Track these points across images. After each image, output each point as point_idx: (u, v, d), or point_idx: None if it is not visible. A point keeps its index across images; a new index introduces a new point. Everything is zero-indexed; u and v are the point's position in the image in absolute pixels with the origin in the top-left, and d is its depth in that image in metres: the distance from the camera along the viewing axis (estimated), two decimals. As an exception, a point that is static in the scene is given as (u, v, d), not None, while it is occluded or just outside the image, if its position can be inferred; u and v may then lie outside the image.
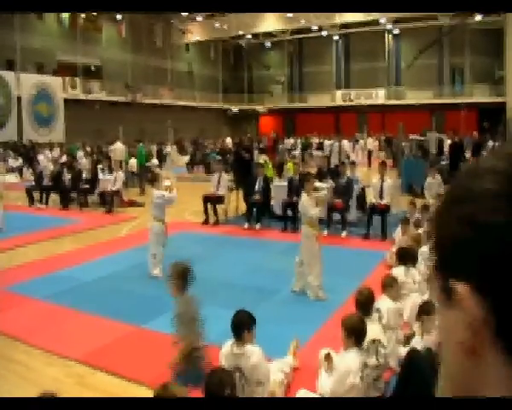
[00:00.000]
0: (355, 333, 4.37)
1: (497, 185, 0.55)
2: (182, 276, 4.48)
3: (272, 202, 14.23)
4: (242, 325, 4.48)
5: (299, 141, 36.44)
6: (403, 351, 5.06)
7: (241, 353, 4.39)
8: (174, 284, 4.44)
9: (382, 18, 39.87)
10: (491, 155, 0.60)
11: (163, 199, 9.18)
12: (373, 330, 4.67)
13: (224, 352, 4.54)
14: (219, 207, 14.13)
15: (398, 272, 6.72)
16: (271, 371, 4.72)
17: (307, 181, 8.23)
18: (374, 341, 4.61)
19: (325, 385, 4.61)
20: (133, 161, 22.11)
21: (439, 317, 0.61)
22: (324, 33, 45.09)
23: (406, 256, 7.00)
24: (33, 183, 18.57)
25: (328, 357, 4.92)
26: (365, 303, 4.95)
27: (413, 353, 4.47)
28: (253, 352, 4.38)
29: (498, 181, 0.55)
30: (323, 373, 4.85)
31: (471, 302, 0.55)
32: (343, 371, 4.30)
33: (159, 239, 9.14)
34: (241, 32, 44.98)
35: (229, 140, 35.65)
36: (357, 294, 5.08)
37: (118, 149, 21.70)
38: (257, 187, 13.59)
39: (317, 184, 13.85)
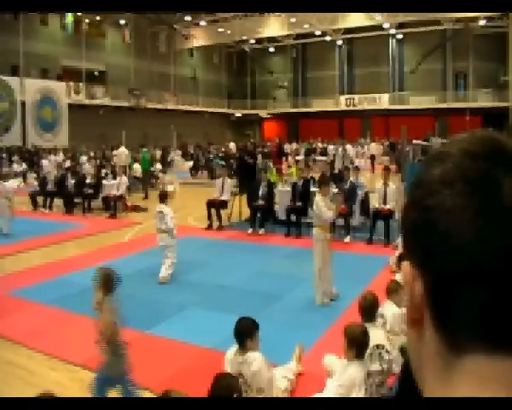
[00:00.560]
0: (357, 345, 4.33)
1: (442, 171, 0.58)
2: (106, 280, 4.63)
3: (276, 207, 14.22)
4: (244, 334, 4.46)
5: (294, 145, 36.58)
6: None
7: (242, 360, 4.38)
8: (99, 287, 4.60)
9: (386, 23, 39.84)
10: (445, 144, 0.63)
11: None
12: (377, 335, 4.65)
13: (228, 358, 4.52)
14: (223, 212, 14.13)
15: (401, 277, 6.69)
16: (275, 378, 4.70)
17: (324, 184, 8.17)
18: (377, 346, 4.58)
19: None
20: (137, 166, 22.15)
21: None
22: (328, 38, 45.12)
23: None
24: (37, 188, 18.61)
25: None
26: (369, 309, 4.90)
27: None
28: (254, 359, 4.35)
29: (443, 167, 0.59)
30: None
31: (412, 278, 0.59)
32: (347, 384, 4.27)
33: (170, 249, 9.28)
34: (244, 37, 45.02)
35: (232, 145, 35.67)
36: (361, 299, 5.04)
37: (122, 153, 21.74)
38: (260, 192, 13.59)
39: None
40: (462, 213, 0.54)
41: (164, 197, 9.57)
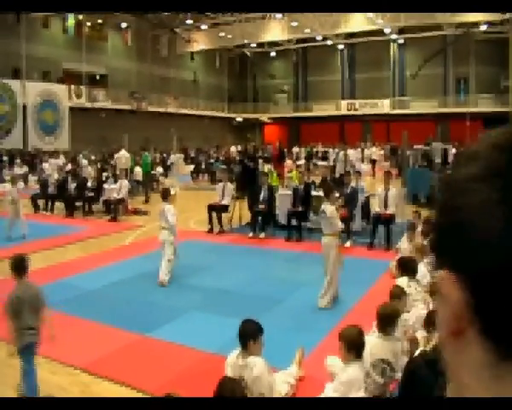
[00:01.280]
0: (355, 347, 4.34)
1: (471, 168, 0.56)
2: (17, 265, 5.08)
3: (277, 211, 14.22)
4: (247, 336, 4.45)
5: (295, 149, 36.68)
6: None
7: (244, 364, 4.36)
8: (12, 271, 5.06)
9: (387, 28, 39.86)
10: (473, 143, 0.61)
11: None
12: (385, 349, 4.59)
13: (229, 362, 4.51)
14: (224, 216, 14.13)
15: (402, 282, 6.64)
16: (276, 383, 4.68)
17: (331, 192, 8.22)
18: (383, 361, 4.54)
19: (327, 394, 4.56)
20: (138, 170, 22.14)
21: (437, 308, 0.62)
22: (329, 42, 45.14)
23: (407, 266, 6.87)
24: (38, 190, 18.62)
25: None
26: (385, 320, 4.75)
27: (412, 362, 4.41)
28: (255, 364, 4.34)
29: (472, 164, 0.56)
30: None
31: (451, 286, 0.56)
32: (347, 383, 4.27)
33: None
34: (245, 41, 45.05)
35: (233, 149, 35.66)
36: (380, 308, 4.92)
37: (122, 157, 21.72)
38: (261, 196, 13.59)
39: (322, 193, 13.87)
40: (495, 207, 0.52)
41: (166, 195, 9.65)
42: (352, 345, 4.34)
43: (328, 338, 6.51)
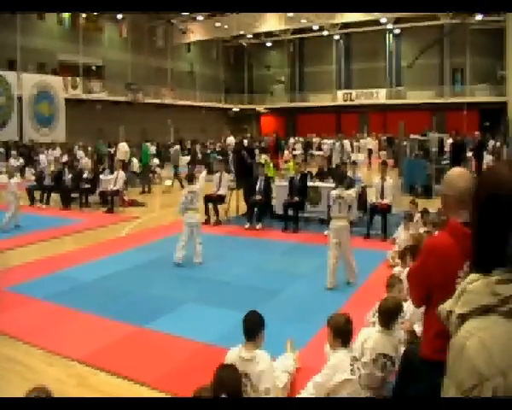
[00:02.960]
0: (342, 335, 4.35)
1: None
2: None
3: (273, 202, 14.22)
4: (256, 326, 4.39)
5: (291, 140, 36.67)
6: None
7: (249, 358, 4.30)
8: None
9: (383, 18, 39.79)
10: None
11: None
12: (387, 343, 4.58)
13: (231, 357, 4.42)
14: (220, 207, 14.12)
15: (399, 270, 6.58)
16: (276, 374, 4.66)
17: (343, 178, 8.90)
18: (384, 356, 4.54)
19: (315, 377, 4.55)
20: (134, 161, 22.11)
21: None
22: (325, 33, 45.06)
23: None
24: (34, 182, 18.57)
25: None
26: (386, 314, 4.71)
27: (409, 351, 4.41)
28: (262, 358, 4.28)
29: None
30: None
31: None
32: (332, 366, 4.30)
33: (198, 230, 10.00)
34: (242, 32, 44.95)
35: (230, 139, 35.43)
36: (381, 303, 4.90)
37: (121, 148, 21.67)
38: (258, 187, 13.58)
39: (319, 184, 13.88)
40: None
41: (192, 178, 10.18)
42: (339, 333, 4.36)
43: (325, 329, 6.51)
